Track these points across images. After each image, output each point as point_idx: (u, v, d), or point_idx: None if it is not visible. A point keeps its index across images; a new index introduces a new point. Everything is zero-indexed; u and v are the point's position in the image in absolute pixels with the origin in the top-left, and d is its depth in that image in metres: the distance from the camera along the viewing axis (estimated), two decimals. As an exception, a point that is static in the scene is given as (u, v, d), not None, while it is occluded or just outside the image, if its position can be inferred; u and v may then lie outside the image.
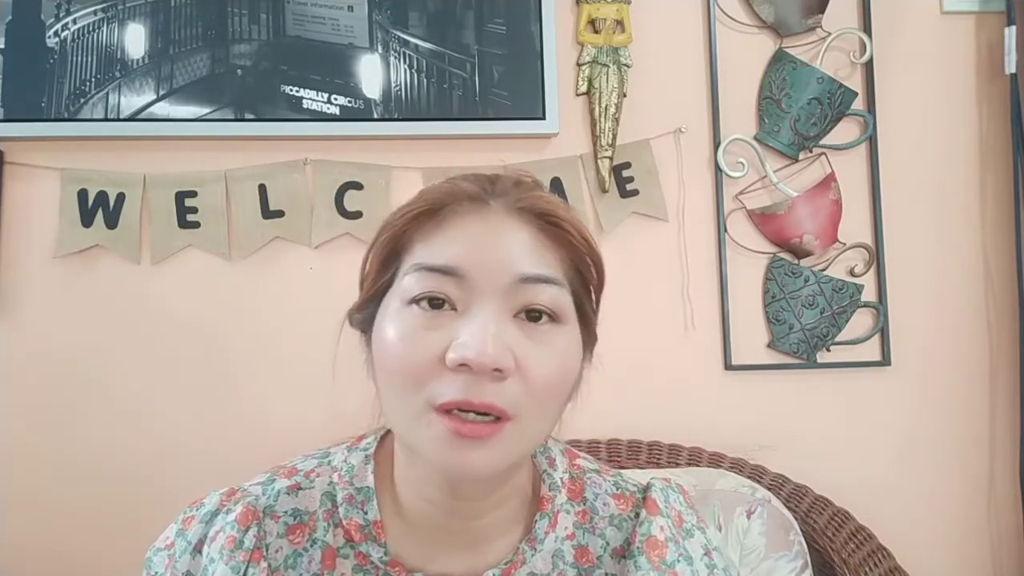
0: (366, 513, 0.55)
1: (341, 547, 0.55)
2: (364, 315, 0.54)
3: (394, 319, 0.50)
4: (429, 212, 0.51)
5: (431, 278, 0.49)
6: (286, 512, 0.56)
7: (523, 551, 0.56)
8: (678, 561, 0.57)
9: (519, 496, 0.57)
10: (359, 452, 0.59)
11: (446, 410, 0.46)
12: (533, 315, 0.50)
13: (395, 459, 0.57)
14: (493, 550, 0.56)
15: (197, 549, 0.55)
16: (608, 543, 0.58)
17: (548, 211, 0.52)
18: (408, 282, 0.50)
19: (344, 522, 0.55)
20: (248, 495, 0.57)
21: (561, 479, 0.60)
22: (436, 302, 0.49)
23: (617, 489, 0.61)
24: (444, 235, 0.50)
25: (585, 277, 0.56)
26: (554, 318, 0.50)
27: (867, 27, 1.36)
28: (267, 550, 0.54)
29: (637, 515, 0.59)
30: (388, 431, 0.60)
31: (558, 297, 0.51)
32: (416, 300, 0.49)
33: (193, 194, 1.24)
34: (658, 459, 1.23)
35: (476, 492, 0.53)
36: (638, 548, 0.57)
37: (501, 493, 0.55)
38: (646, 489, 0.61)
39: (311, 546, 0.55)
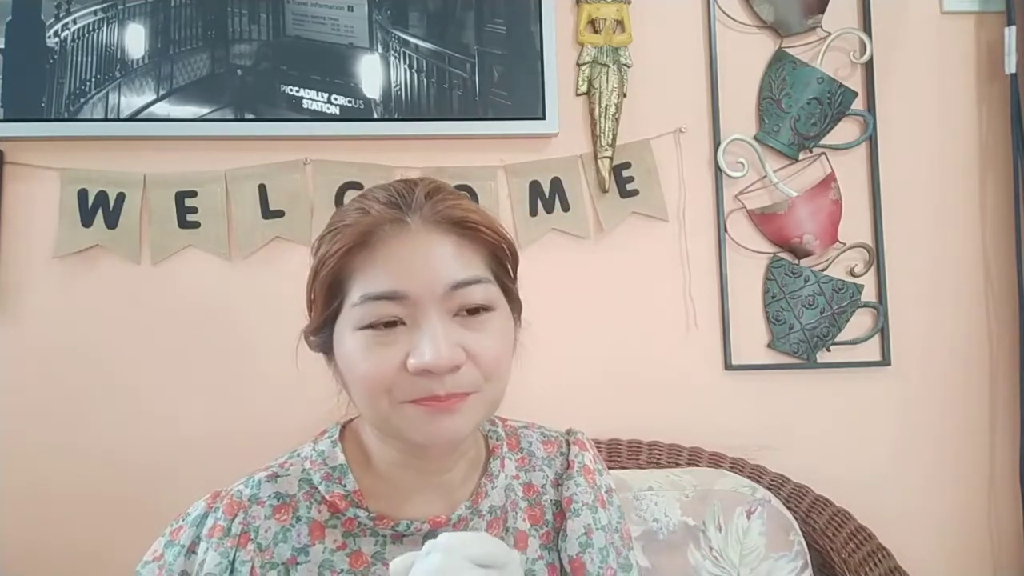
0: (345, 486, 0.62)
1: (328, 520, 0.62)
2: (320, 338, 0.62)
3: (353, 342, 0.57)
4: (359, 244, 0.57)
5: (377, 305, 0.56)
6: (269, 496, 0.62)
7: (484, 486, 0.66)
8: (600, 487, 0.71)
9: (474, 449, 0.68)
10: (325, 440, 0.66)
11: (416, 401, 0.56)
12: (471, 309, 0.58)
13: (365, 441, 0.65)
14: (460, 491, 0.65)
15: (191, 550, 0.60)
16: (547, 476, 0.71)
17: (463, 218, 0.59)
18: (358, 312, 0.57)
19: (327, 496, 0.62)
20: (231, 491, 0.63)
21: (501, 433, 0.72)
22: (389, 322, 0.56)
23: (544, 437, 0.74)
24: (378, 263, 0.57)
25: (503, 261, 0.63)
26: (487, 308, 0.59)
27: (867, 27, 1.36)
28: (256, 533, 0.60)
29: (563, 453, 0.73)
30: (349, 420, 0.69)
31: (487, 291, 0.59)
32: (369, 327, 0.56)
33: (193, 194, 1.24)
34: (658, 459, 1.23)
35: (446, 453, 0.62)
36: (577, 471, 0.70)
37: (462, 449, 0.64)
38: (569, 432, 0.75)
39: (296, 522, 0.61)
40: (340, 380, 0.62)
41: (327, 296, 0.59)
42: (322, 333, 0.61)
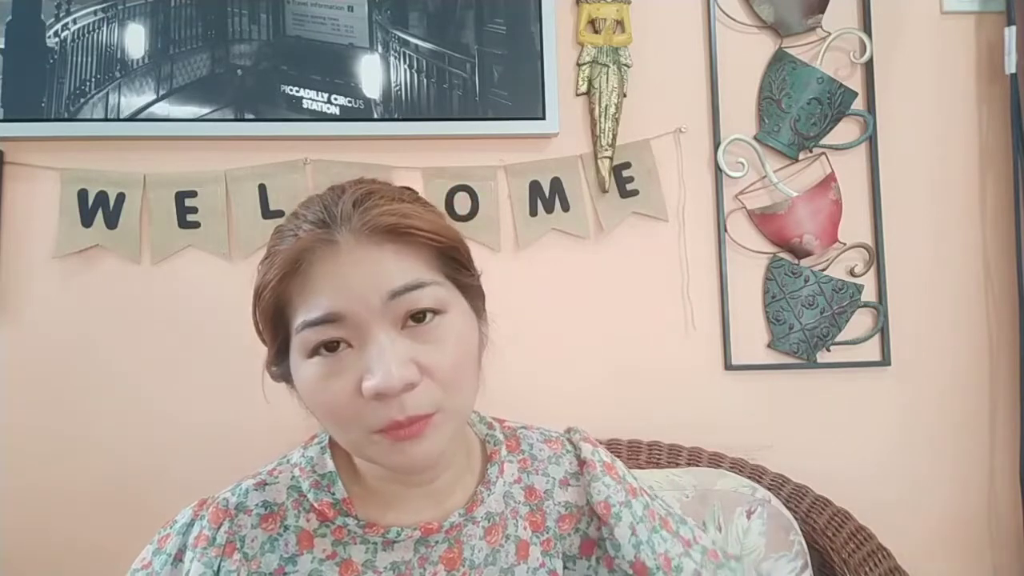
0: (333, 494, 0.61)
1: (316, 528, 0.61)
2: (279, 369, 0.60)
3: (305, 372, 0.55)
4: (291, 271, 0.54)
5: (316, 331, 0.53)
6: (256, 505, 0.61)
7: (480, 493, 0.64)
8: (625, 476, 0.70)
9: (463, 451, 0.65)
10: (315, 447, 0.65)
11: (382, 431, 0.53)
12: (418, 317, 0.54)
13: (345, 449, 0.62)
14: (453, 498, 0.64)
15: (178, 558, 0.59)
16: (553, 478, 0.68)
17: (394, 225, 0.54)
18: (300, 340, 0.55)
19: (316, 505, 0.61)
20: (217, 499, 0.62)
21: (500, 437, 0.70)
22: (331, 346, 0.54)
23: (544, 437, 0.72)
24: (312, 287, 0.54)
25: (454, 257, 0.59)
26: (438, 311, 0.55)
27: (867, 27, 1.36)
28: (242, 542, 0.59)
29: (569, 451, 0.70)
30: None
31: (432, 294, 0.55)
32: (314, 352, 0.54)
33: (193, 194, 1.24)
34: (658, 459, 1.23)
35: (425, 473, 0.60)
36: (601, 471, 0.68)
37: (444, 462, 0.62)
38: (570, 431, 0.73)
39: (284, 531, 0.60)
40: (305, 407, 0.60)
41: (272, 328, 0.57)
42: (279, 364, 0.59)
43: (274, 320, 0.57)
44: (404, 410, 0.52)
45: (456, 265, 0.59)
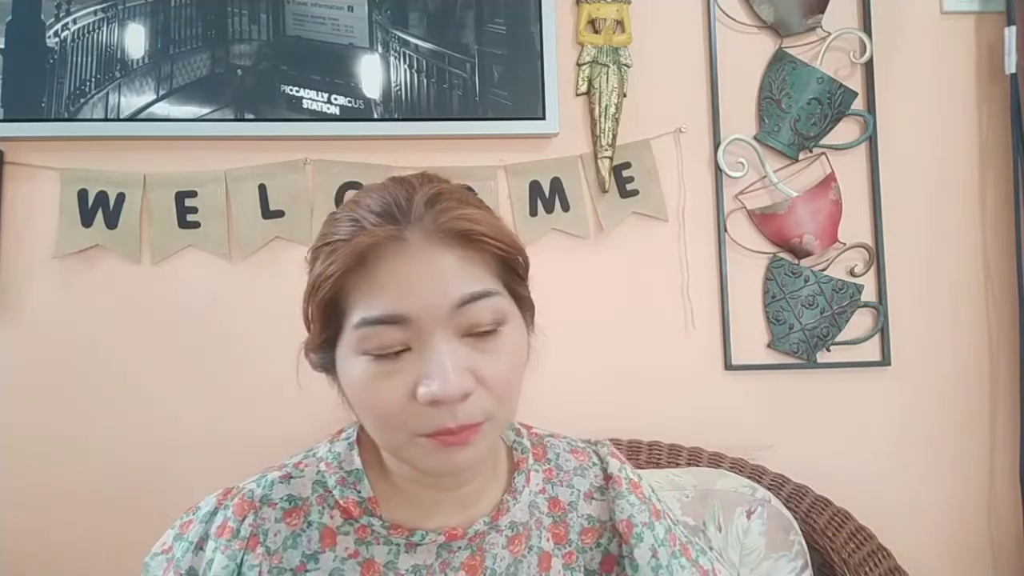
0: (359, 492, 0.60)
1: (340, 526, 0.60)
2: (321, 358, 0.58)
3: (356, 369, 0.54)
4: (355, 266, 0.53)
5: (377, 330, 0.52)
6: (281, 499, 0.60)
7: (506, 501, 0.63)
8: (650, 497, 0.68)
9: (491, 461, 0.64)
10: (342, 442, 0.64)
11: (429, 435, 0.52)
12: (479, 326, 0.53)
13: (381, 449, 0.62)
14: (479, 505, 0.63)
15: (199, 547, 0.59)
16: (578, 490, 0.67)
17: (468, 231, 0.54)
18: (357, 336, 0.53)
19: (341, 502, 0.60)
20: (243, 490, 0.61)
21: (527, 444, 0.68)
22: (389, 350, 0.52)
23: (571, 447, 0.70)
24: (375, 284, 0.53)
25: (514, 268, 0.58)
26: (499, 321, 0.55)
27: (867, 27, 1.36)
28: (265, 536, 0.59)
29: (595, 463, 0.69)
30: None
31: (495, 304, 0.54)
32: (369, 352, 0.53)
33: (193, 194, 1.24)
34: (658, 459, 1.23)
35: (460, 477, 0.60)
36: (627, 489, 0.67)
37: (476, 468, 0.60)
38: (597, 444, 0.71)
39: (307, 527, 0.60)
40: (345, 400, 0.59)
41: (325, 318, 0.55)
42: (323, 353, 0.58)
43: (327, 311, 0.55)
44: (456, 418, 0.51)
45: (513, 275, 0.58)
